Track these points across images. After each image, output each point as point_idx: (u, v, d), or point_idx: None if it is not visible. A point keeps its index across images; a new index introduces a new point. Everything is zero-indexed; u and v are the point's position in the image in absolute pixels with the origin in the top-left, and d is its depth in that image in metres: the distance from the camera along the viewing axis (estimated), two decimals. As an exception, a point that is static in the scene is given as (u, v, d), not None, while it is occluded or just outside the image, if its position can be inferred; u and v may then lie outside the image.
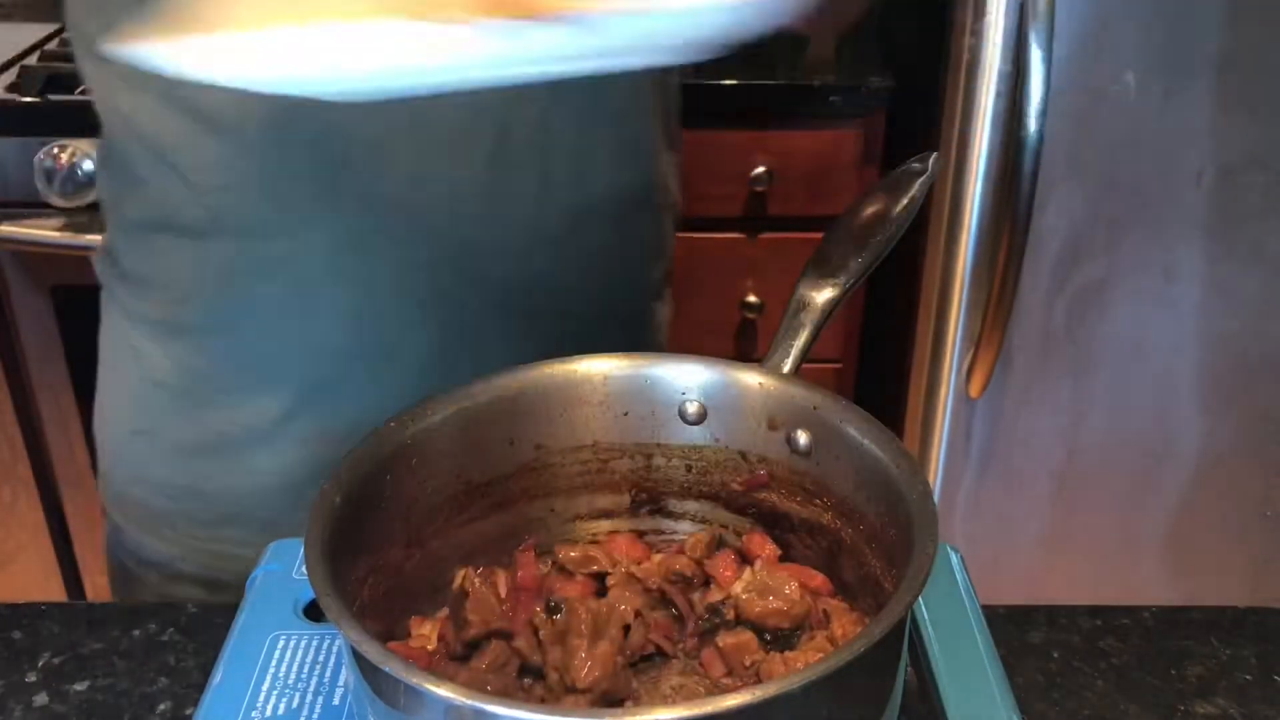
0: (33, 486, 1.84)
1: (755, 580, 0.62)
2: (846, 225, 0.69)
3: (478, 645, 0.59)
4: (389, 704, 0.49)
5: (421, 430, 0.61)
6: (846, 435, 0.61)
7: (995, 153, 1.45)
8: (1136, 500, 1.66)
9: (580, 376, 0.66)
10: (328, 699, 0.63)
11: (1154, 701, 0.71)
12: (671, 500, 0.68)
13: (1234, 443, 1.61)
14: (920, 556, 0.51)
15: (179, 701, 0.70)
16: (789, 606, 0.60)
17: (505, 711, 0.44)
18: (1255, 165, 1.45)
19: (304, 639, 0.66)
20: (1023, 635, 0.76)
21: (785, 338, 0.65)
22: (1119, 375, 1.58)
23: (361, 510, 0.58)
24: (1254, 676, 0.73)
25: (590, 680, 0.56)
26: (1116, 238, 1.49)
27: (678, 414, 0.66)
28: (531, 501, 0.67)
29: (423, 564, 0.63)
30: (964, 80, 1.44)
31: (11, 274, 1.68)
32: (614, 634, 0.58)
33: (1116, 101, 1.41)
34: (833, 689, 0.47)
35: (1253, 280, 1.51)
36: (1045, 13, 1.33)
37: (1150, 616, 0.78)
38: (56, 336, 1.72)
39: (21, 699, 0.71)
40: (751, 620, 0.60)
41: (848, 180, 1.67)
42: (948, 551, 0.70)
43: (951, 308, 1.56)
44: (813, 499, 0.64)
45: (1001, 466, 1.65)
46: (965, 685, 0.61)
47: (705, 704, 0.45)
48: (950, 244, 1.52)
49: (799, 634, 0.61)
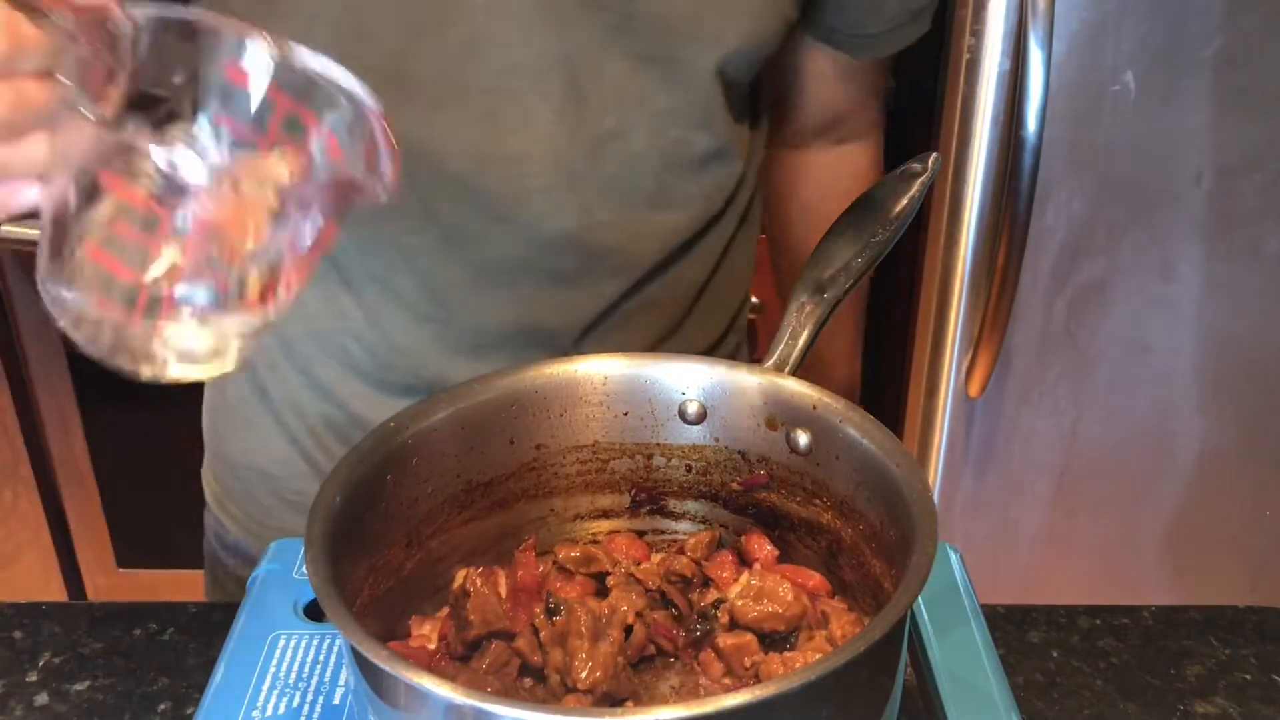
0: (33, 486, 1.84)
1: (749, 586, 0.62)
2: (846, 225, 0.69)
3: (478, 645, 0.59)
4: (389, 704, 0.49)
5: (421, 430, 0.62)
6: (846, 435, 0.61)
7: (995, 153, 1.45)
8: (1136, 500, 1.66)
9: (580, 376, 0.66)
10: (328, 699, 0.63)
11: (1154, 701, 0.71)
12: (671, 500, 0.68)
13: (1234, 443, 1.61)
14: (920, 556, 0.51)
15: (179, 701, 0.71)
16: (784, 609, 0.60)
17: (505, 711, 0.44)
18: (1254, 165, 1.44)
19: (304, 639, 0.66)
20: (1023, 635, 0.76)
21: (785, 338, 0.65)
22: (1119, 375, 1.58)
23: (361, 510, 0.58)
24: (1254, 676, 0.73)
25: (590, 681, 0.56)
26: (1116, 238, 1.49)
27: (678, 414, 0.66)
28: (531, 501, 0.67)
29: (423, 564, 0.63)
30: (964, 80, 1.44)
31: (11, 274, 1.68)
32: (614, 635, 0.58)
33: (1116, 101, 1.41)
34: (833, 689, 0.47)
35: (1252, 280, 1.51)
36: (1045, 12, 1.33)
37: (1150, 616, 0.78)
38: (56, 336, 1.72)
39: (22, 699, 0.71)
40: (746, 625, 0.60)
41: (848, 180, 1.66)
42: (948, 551, 0.70)
43: (951, 308, 1.55)
44: (812, 499, 0.64)
45: (1001, 466, 1.64)
46: (965, 685, 0.61)
47: (705, 704, 0.45)
48: (950, 244, 1.52)
49: (795, 635, 0.61)
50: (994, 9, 1.38)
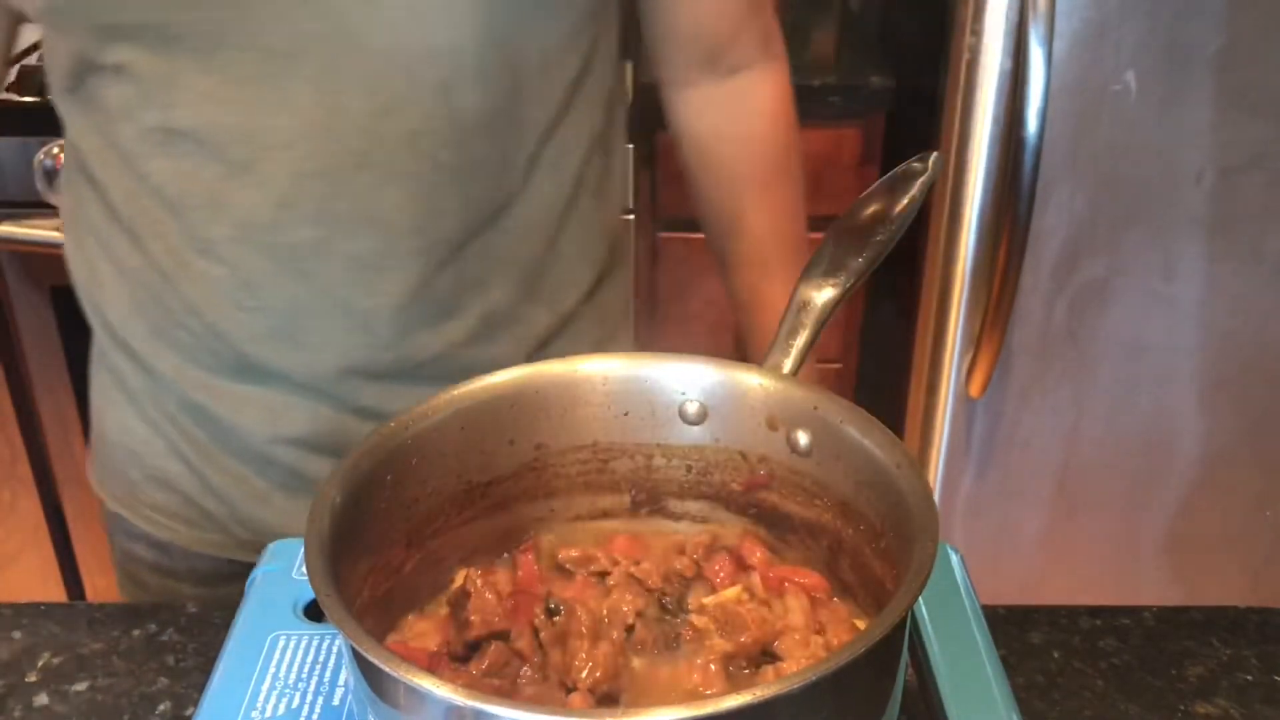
0: (33, 486, 1.84)
1: (717, 608, 0.61)
2: (846, 225, 0.69)
3: (478, 645, 0.59)
4: (389, 704, 0.49)
5: (421, 430, 0.61)
6: (846, 435, 0.60)
7: (995, 153, 1.45)
8: (1136, 500, 1.66)
9: (580, 376, 0.66)
10: (328, 699, 0.63)
11: (1154, 701, 0.71)
12: (671, 500, 0.68)
13: (1235, 443, 1.61)
14: (920, 556, 0.51)
15: (179, 701, 0.71)
16: (755, 628, 0.59)
17: (505, 711, 0.44)
18: (1255, 165, 1.45)
19: (304, 639, 0.66)
20: (1023, 635, 0.76)
21: (785, 338, 0.65)
22: (1119, 375, 1.58)
23: (361, 510, 0.58)
24: (1254, 676, 0.73)
25: (590, 681, 0.56)
26: (1116, 237, 1.49)
27: (678, 414, 0.66)
28: (531, 501, 0.67)
29: (423, 564, 0.63)
30: (964, 80, 1.44)
31: (11, 274, 1.68)
32: (614, 635, 0.58)
33: (1116, 101, 1.41)
34: (833, 689, 0.47)
35: (1253, 279, 1.51)
36: (1045, 12, 1.33)
37: (1150, 616, 0.78)
38: (56, 336, 1.72)
39: (22, 699, 0.71)
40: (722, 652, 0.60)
41: (848, 180, 1.67)
42: (948, 551, 0.70)
43: (951, 308, 1.56)
44: (813, 499, 0.64)
45: (1001, 466, 1.65)
46: (965, 685, 0.61)
47: (705, 704, 0.45)
48: (950, 244, 1.52)
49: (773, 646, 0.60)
50: (994, 9, 1.38)
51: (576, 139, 0.85)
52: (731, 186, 0.96)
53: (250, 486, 0.88)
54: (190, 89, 0.75)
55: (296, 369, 0.83)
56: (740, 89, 0.93)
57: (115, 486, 0.94)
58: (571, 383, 0.66)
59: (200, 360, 0.84)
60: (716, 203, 0.97)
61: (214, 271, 0.80)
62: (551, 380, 0.65)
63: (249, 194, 0.77)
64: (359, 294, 0.80)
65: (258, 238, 0.78)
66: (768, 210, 0.97)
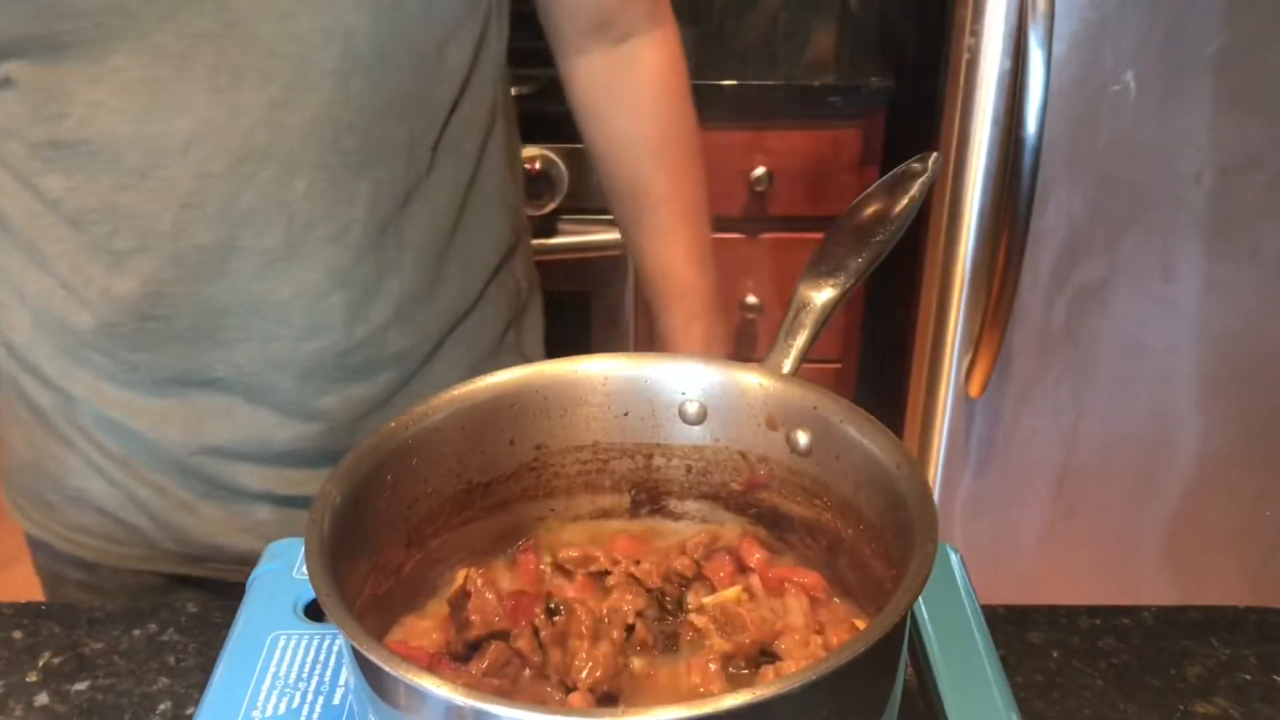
0: (33, 486, 1.84)
1: (717, 608, 0.61)
2: (846, 225, 0.69)
3: (478, 645, 0.59)
4: (389, 704, 0.49)
5: (421, 430, 0.62)
6: (846, 435, 0.60)
7: (995, 153, 1.45)
8: (1136, 500, 1.66)
9: (580, 376, 0.66)
10: (328, 699, 0.63)
11: (1154, 701, 0.71)
12: (671, 500, 0.68)
13: (1234, 442, 1.61)
14: (920, 556, 0.51)
15: (179, 701, 0.71)
16: (755, 628, 0.59)
17: (505, 711, 0.44)
18: (1254, 165, 1.45)
19: (304, 639, 0.66)
20: (1023, 635, 0.76)
21: (785, 338, 0.65)
22: (1119, 375, 1.58)
23: (361, 510, 0.58)
24: (1254, 676, 0.73)
25: (591, 681, 0.56)
26: (1116, 237, 1.49)
27: (678, 414, 0.66)
28: (531, 501, 0.67)
29: (423, 564, 0.63)
30: (964, 80, 1.44)
31: (11, 274, 1.68)
32: (614, 635, 0.58)
33: (1116, 101, 1.41)
34: (832, 689, 0.47)
35: (1252, 279, 1.51)
36: (1045, 12, 1.33)
37: (1150, 616, 0.78)
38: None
39: (22, 699, 0.71)
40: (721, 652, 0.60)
41: (848, 180, 1.67)
42: (948, 551, 0.70)
43: (951, 308, 1.56)
44: (813, 499, 0.64)
45: (1001, 466, 1.65)
46: (965, 685, 0.61)
47: (705, 704, 0.45)
48: (950, 244, 1.53)
49: (773, 646, 0.60)
50: (994, 9, 1.38)
51: (476, 115, 0.85)
52: (628, 154, 0.96)
53: (174, 497, 0.86)
54: (79, 99, 0.73)
55: (215, 370, 0.81)
56: (629, 55, 0.94)
57: (34, 511, 0.92)
58: (571, 383, 0.66)
59: (115, 378, 0.82)
60: (615, 173, 0.97)
61: (121, 286, 0.78)
62: (552, 380, 0.66)
63: (149, 202, 0.75)
64: (273, 288, 0.79)
65: (162, 246, 0.76)
66: (665, 175, 0.97)
